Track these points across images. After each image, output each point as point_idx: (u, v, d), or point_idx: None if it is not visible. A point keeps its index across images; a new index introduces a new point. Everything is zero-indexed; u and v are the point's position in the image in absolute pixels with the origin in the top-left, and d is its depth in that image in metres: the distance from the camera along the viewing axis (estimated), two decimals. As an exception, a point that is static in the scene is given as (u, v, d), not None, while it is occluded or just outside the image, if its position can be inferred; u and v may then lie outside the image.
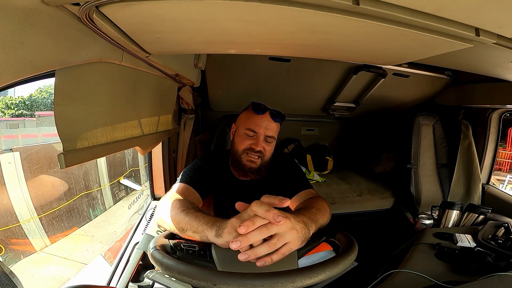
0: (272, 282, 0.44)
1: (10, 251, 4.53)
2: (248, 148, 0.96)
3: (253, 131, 0.96)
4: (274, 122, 0.97)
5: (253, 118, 0.97)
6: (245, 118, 0.99)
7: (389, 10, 0.45)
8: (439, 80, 1.70)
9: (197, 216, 0.63)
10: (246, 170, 0.97)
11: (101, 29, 0.52)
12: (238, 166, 0.98)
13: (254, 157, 0.96)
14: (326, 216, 0.74)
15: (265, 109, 0.97)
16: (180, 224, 0.65)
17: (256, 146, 0.95)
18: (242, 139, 0.97)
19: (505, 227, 1.11)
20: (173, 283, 0.60)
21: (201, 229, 0.60)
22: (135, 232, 1.23)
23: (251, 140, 0.96)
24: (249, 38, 0.64)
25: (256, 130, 0.95)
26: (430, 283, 0.78)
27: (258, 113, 0.96)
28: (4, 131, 7.77)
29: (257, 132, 0.95)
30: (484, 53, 0.77)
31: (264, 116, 0.96)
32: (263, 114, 0.96)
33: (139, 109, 0.95)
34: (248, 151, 0.96)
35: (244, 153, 0.96)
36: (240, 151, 0.97)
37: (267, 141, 0.97)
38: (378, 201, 1.91)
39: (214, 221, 0.59)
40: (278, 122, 0.99)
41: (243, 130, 0.97)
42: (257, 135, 0.95)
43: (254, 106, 0.98)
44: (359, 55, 0.84)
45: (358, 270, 0.60)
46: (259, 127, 0.95)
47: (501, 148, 7.64)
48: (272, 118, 0.97)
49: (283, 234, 0.52)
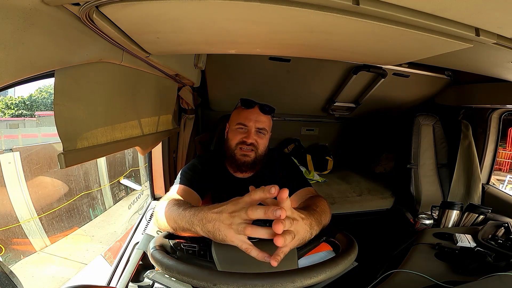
0: (272, 282, 0.44)
1: (10, 251, 4.53)
2: (241, 142, 0.97)
3: (243, 125, 0.98)
4: (263, 115, 1.00)
5: (242, 113, 0.99)
6: (236, 115, 1.02)
7: (389, 10, 0.45)
8: (439, 80, 1.70)
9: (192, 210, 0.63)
10: (240, 165, 0.98)
11: (101, 29, 0.52)
12: (232, 161, 0.99)
13: (247, 150, 0.97)
14: (328, 217, 0.75)
15: (253, 103, 1.00)
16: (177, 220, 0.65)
17: (247, 138, 0.96)
18: (234, 134, 0.99)
19: (505, 227, 1.11)
20: (173, 283, 0.60)
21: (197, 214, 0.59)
22: (135, 232, 1.23)
23: (242, 134, 0.98)
24: (249, 38, 0.64)
25: (246, 123, 0.98)
26: (430, 283, 0.78)
27: (247, 107, 0.99)
28: (4, 131, 7.79)
29: (247, 125, 0.98)
30: (484, 53, 0.77)
31: (253, 110, 0.99)
32: (252, 108, 0.99)
33: (139, 109, 0.95)
34: (240, 145, 0.97)
35: (237, 147, 0.98)
36: (233, 146, 0.98)
37: (259, 134, 0.99)
38: (378, 201, 1.91)
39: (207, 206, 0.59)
40: (268, 114, 1.01)
41: (235, 125, 1.00)
42: (248, 128, 0.98)
43: (243, 102, 1.01)
44: (359, 55, 0.84)
45: (358, 270, 0.60)
46: (248, 120, 0.98)
47: (501, 148, 7.65)
48: (261, 111, 0.99)
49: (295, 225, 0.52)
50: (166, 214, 0.70)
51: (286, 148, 2.23)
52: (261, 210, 0.47)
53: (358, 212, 1.85)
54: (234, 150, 0.98)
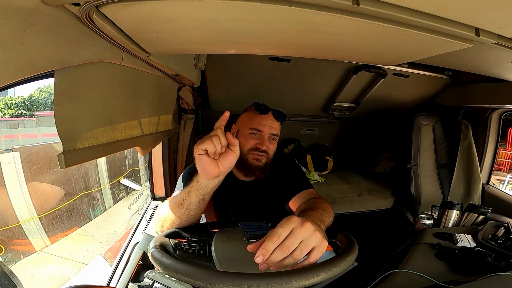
0: (267, 282, 0.44)
1: (10, 251, 4.53)
2: (254, 148, 0.96)
3: (258, 131, 0.96)
4: (276, 122, 0.99)
5: (256, 118, 0.97)
6: (248, 118, 1.00)
7: (389, 10, 0.45)
8: (439, 80, 1.70)
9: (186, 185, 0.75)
10: (253, 169, 0.97)
11: (101, 29, 0.52)
12: (244, 166, 0.97)
13: (260, 156, 0.96)
14: (331, 217, 0.75)
15: (267, 109, 0.98)
16: (177, 200, 0.75)
17: (261, 145, 0.95)
18: (247, 139, 0.97)
19: (505, 227, 1.11)
20: (173, 283, 0.60)
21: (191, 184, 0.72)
22: (135, 232, 1.23)
23: (256, 140, 0.96)
24: (249, 38, 0.64)
25: (261, 129, 0.96)
26: (430, 283, 0.78)
27: (261, 113, 0.97)
28: (4, 131, 7.79)
29: (262, 130, 0.96)
30: (484, 53, 0.77)
31: (267, 116, 0.98)
32: (266, 114, 0.98)
33: (139, 109, 0.95)
34: (253, 150, 0.96)
35: (249, 152, 0.96)
36: (245, 151, 0.97)
37: (271, 140, 0.98)
38: (378, 201, 1.91)
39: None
40: (280, 121, 1.00)
41: (247, 130, 0.98)
42: (262, 134, 0.96)
43: (257, 106, 0.99)
44: (359, 55, 0.84)
45: (358, 270, 0.60)
46: (263, 125, 0.96)
47: (501, 148, 7.65)
48: (275, 118, 0.98)
49: (307, 241, 0.49)
50: (170, 205, 0.77)
51: (286, 148, 2.23)
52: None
53: (358, 212, 1.85)
54: (246, 155, 0.96)
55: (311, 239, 0.49)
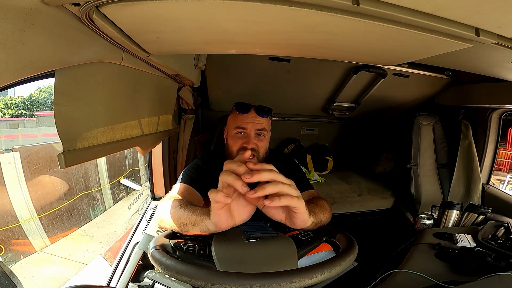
0: (270, 282, 0.44)
1: (10, 251, 4.53)
2: (242, 148, 0.95)
3: (242, 129, 0.96)
4: (261, 118, 0.97)
5: (239, 117, 0.97)
6: (232, 119, 0.99)
7: (389, 10, 0.45)
8: (439, 80, 1.70)
9: (195, 209, 0.64)
10: None
11: (101, 29, 0.52)
12: None
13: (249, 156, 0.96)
14: (326, 214, 0.74)
15: (248, 106, 0.97)
16: (180, 219, 0.66)
17: (248, 143, 0.94)
18: (235, 140, 0.97)
19: (505, 227, 1.11)
20: (173, 283, 0.60)
21: (200, 220, 0.60)
22: (135, 232, 1.23)
23: (242, 139, 0.96)
24: (249, 38, 0.64)
25: (244, 126, 0.95)
26: (430, 283, 0.78)
27: (242, 112, 0.97)
28: (4, 131, 7.80)
29: (246, 128, 0.95)
30: (484, 53, 0.77)
31: (250, 113, 0.96)
32: (248, 112, 0.96)
33: (139, 109, 0.95)
34: (242, 150, 0.95)
35: (238, 153, 0.96)
36: (234, 152, 0.96)
37: (259, 137, 0.97)
38: (378, 201, 1.91)
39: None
40: (265, 116, 0.98)
41: (233, 131, 0.97)
42: (247, 132, 0.96)
43: (238, 106, 0.98)
44: (359, 55, 0.84)
45: (358, 270, 0.60)
46: (246, 123, 0.95)
47: (501, 148, 7.65)
48: (258, 114, 0.97)
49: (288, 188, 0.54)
50: (172, 214, 0.70)
51: (286, 148, 2.23)
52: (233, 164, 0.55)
53: (358, 212, 1.84)
54: (235, 156, 0.96)
55: (291, 188, 0.54)
